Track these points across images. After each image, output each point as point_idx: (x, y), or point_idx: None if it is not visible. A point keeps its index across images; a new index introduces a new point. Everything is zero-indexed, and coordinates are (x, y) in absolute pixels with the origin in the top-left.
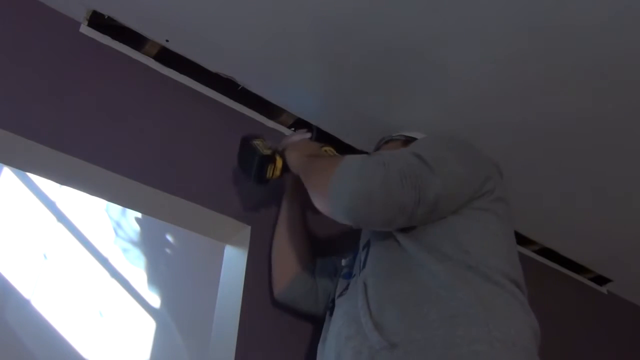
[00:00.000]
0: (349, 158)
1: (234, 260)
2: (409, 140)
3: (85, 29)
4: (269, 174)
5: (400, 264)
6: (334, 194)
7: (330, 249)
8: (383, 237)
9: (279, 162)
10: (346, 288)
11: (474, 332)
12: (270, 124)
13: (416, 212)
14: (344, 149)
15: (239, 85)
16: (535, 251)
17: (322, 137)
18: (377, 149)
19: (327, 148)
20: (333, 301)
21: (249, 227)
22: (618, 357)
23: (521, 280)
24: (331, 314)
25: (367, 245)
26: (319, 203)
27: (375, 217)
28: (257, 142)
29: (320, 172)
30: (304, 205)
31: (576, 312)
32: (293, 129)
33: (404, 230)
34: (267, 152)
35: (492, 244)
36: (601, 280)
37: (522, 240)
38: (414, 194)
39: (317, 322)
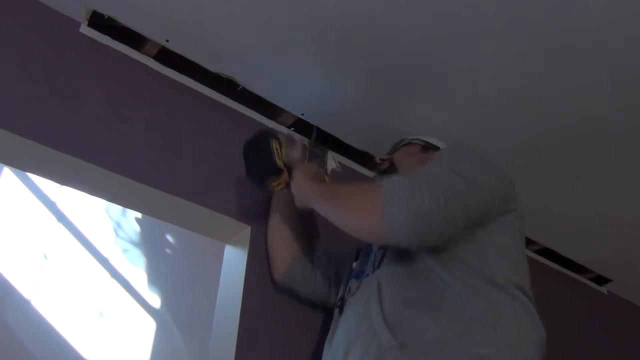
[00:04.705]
0: (392, 181)
1: (234, 260)
2: (429, 146)
3: (85, 29)
4: (271, 185)
5: (416, 269)
6: (390, 217)
7: (326, 241)
8: None
9: (284, 179)
10: (358, 287)
11: (482, 337)
12: (271, 124)
13: (460, 226)
14: (344, 149)
15: (239, 85)
16: (535, 251)
17: (322, 137)
18: (394, 151)
19: (328, 177)
20: (342, 299)
21: (249, 227)
22: (618, 357)
23: (530, 291)
24: (341, 312)
25: (385, 245)
26: (361, 227)
27: (433, 235)
28: (275, 146)
29: (359, 198)
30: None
31: (576, 312)
32: (292, 128)
33: None
34: (280, 163)
35: (509, 257)
36: (601, 280)
37: None
38: (460, 210)
39: (317, 322)
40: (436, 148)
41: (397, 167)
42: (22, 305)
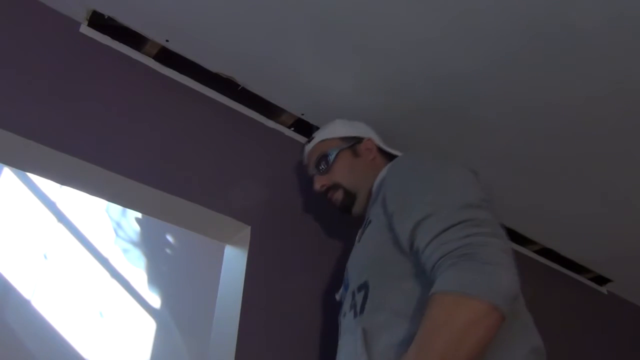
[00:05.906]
0: (446, 280)
1: (234, 260)
2: (353, 143)
3: (85, 29)
4: None
5: (402, 311)
6: (496, 299)
7: None
8: (388, 279)
9: None
10: (343, 315)
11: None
12: (270, 124)
13: None
14: None
15: (239, 85)
16: (535, 251)
17: None
18: (326, 171)
19: None
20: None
21: (249, 227)
22: (618, 357)
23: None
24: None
25: (365, 287)
26: (492, 328)
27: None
28: None
29: (455, 330)
30: None
31: (576, 312)
32: (292, 128)
33: (422, 275)
34: None
35: None
36: (601, 280)
37: (522, 240)
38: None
39: (317, 323)
40: (359, 140)
41: (347, 188)
42: (22, 305)
